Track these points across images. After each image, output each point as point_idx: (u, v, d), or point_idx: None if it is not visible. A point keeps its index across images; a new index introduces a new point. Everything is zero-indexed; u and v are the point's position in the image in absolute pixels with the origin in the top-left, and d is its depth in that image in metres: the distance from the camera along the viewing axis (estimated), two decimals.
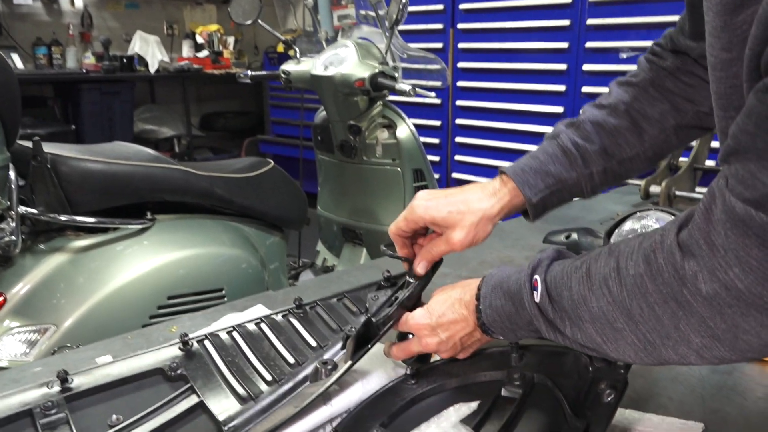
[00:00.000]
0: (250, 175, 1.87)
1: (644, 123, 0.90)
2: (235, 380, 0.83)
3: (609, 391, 0.71)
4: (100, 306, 1.51)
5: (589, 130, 0.90)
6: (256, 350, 0.89)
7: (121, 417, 0.77)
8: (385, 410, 0.79)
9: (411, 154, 2.18)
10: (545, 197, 0.88)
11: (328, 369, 0.81)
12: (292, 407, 0.78)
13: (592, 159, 0.89)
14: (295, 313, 0.98)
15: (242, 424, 0.77)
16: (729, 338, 0.52)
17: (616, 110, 0.91)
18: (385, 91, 2.08)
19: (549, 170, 0.88)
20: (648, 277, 0.55)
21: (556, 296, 0.65)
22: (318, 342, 0.91)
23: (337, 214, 2.37)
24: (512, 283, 0.72)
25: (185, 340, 0.90)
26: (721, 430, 0.79)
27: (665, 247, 0.55)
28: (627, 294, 0.57)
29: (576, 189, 0.90)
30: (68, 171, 1.50)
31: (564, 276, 0.65)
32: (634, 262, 0.57)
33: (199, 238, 1.72)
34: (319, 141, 2.33)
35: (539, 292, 0.67)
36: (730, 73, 0.56)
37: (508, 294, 0.72)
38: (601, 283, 0.60)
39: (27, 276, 1.50)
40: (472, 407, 0.73)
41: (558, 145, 0.90)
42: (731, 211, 0.49)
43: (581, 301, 0.62)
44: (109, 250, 1.57)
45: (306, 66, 2.18)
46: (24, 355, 1.44)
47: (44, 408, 0.77)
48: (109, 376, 0.84)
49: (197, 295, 1.66)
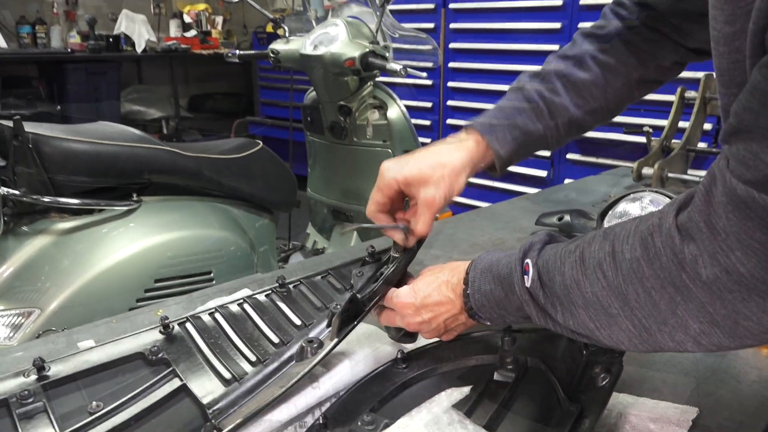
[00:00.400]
0: (238, 156, 1.84)
1: (609, 75, 0.90)
2: (218, 362, 0.81)
3: (603, 375, 0.70)
4: (86, 289, 1.48)
5: (555, 81, 0.90)
6: (239, 331, 0.87)
7: (101, 403, 0.75)
8: (375, 394, 0.78)
9: (402, 135, 2.16)
10: (512, 150, 0.87)
11: (313, 347, 0.79)
12: (278, 387, 0.76)
13: (557, 111, 0.89)
14: (278, 292, 0.95)
15: (227, 406, 0.75)
16: (729, 324, 0.50)
17: (581, 62, 0.91)
18: (375, 72, 2.05)
19: (516, 122, 0.88)
20: (645, 261, 0.54)
21: (547, 281, 0.63)
22: (303, 320, 0.88)
23: (327, 196, 2.34)
24: (502, 267, 0.70)
25: (166, 323, 0.88)
26: (715, 414, 0.78)
27: (663, 230, 0.53)
28: (623, 279, 0.56)
29: (541, 141, 0.90)
30: (51, 151, 1.47)
31: (557, 260, 0.63)
32: (630, 246, 0.55)
33: (187, 220, 1.70)
34: (308, 122, 2.30)
35: (530, 276, 0.65)
36: (733, 48, 0.54)
37: (497, 278, 0.70)
38: (596, 267, 0.58)
39: (10, 259, 1.47)
40: (464, 392, 0.72)
41: (523, 95, 0.90)
42: (732, 193, 0.47)
43: (574, 285, 0.60)
44: (94, 232, 1.55)
45: (295, 45, 2.14)
46: (8, 339, 1.41)
47: (20, 398, 0.74)
48: (87, 363, 0.82)
49: (185, 278, 1.64)
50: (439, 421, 0.65)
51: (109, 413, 0.73)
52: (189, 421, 0.74)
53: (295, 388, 0.82)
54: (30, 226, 1.51)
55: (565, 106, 0.89)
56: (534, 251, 0.67)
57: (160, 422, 0.74)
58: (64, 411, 0.74)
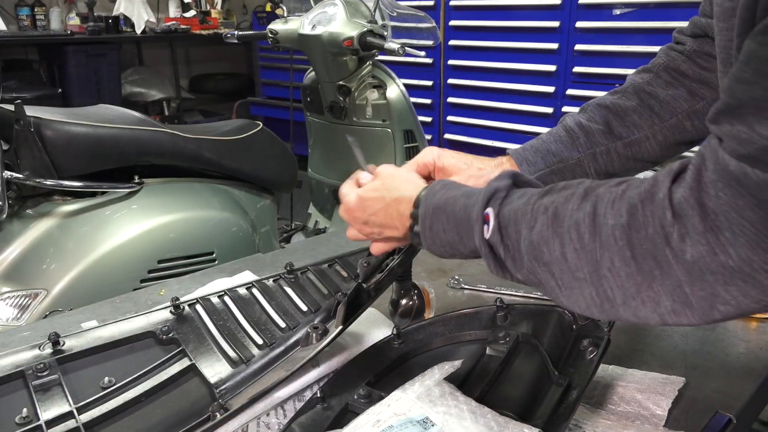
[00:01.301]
0: (239, 137, 1.85)
1: (655, 105, 0.87)
2: (226, 344, 0.84)
3: (591, 349, 0.72)
4: (90, 270, 1.51)
5: (595, 110, 0.88)
6: (247, 315, 0.90)
7: (113, 379, 0.78)
8: (370, 369, 0.80)
9: (401, 114, 2.16)
10: (545, 176, 0.86)
11: (319, 334, 0.82)
12: (283, 371, 0.79)
13: (595, 139, 0.86)
14: (286, 278, 0.98)
15: (234, 386, 0.78)
16: (703, 307, 0.49)
17: (625, 93, 0.89)
18: (374, 51, 2.05)
19: (550, 149, 0.87)
20: (630, 229, 0.50)
21: (512, 233, 0.59)
22: (309, 307, 0.91)
23: (327, 176, 2.35)
24: (459, 208, 0.65)
25: (177, 303, 0.90)
26: (703, 386, 0.80)
27: (656, 200, 0.50)
28: (600, 244, 0.52)
29: (579, 170, 0.87)
30: (53, 135, 1.48)
31: (525, 214, 0.58)
32: (615, 211, 0.52)
33: (189, 201, 1.72)
34: (308, 102, 2.30)
35: (490, 226, 0.60)
36: (731, 24, 0.53)
37: (452, 219, 0.65)
38: (570, 227, 0.54)
39: (15, 241, 1.49)
40: (456, 365, 0.74)
41: (562, 126, 0.89)
42: (724, 170, 0.45)
43: (542, 243, 0.56)
44: (97, 214, 1.56)
45: (293, 25, 2.14)
46: (15, 319, 1.44)
47: (36, 370, 0.77)
48: (100, 339, 0.85)
49: (188, 259, 1.66)
50: (431, 394, 0.67)
51: (121, 389, 0.76)
52: (197, 399, 0.76)
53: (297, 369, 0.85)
54: (34, 209, 1.53)
55: (602, 133, 0.86)
56: (497, 199, 0.62)
57: (169, 399, 0.77)
58: (78, 384, 0.77)
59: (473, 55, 3.53)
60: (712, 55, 0.85)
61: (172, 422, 0.73)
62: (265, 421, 0.77)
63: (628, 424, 0.72)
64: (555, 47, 3.17)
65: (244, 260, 1.27)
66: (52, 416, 0.71)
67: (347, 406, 0.74)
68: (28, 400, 0.74)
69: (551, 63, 3.20)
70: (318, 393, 0.75)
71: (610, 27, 2.97)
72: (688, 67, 0.87)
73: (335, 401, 0.75)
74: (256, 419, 0.77)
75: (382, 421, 0.64)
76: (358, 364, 0.83)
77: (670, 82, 0.87)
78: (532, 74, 3.27)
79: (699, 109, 0.86)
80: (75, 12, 4.85)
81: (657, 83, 0.88)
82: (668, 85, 0.87)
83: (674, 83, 0.87)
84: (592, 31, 3.05)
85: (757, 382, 0.80)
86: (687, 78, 0.87)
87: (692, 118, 0.87)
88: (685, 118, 0.87)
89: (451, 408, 0.65)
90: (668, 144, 0.87)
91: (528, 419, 0.66)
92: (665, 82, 0.88)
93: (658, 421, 0.73)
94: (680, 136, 0.87)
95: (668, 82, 0.88)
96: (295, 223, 2.57)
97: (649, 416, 0.73)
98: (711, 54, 0.85)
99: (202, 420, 0.72)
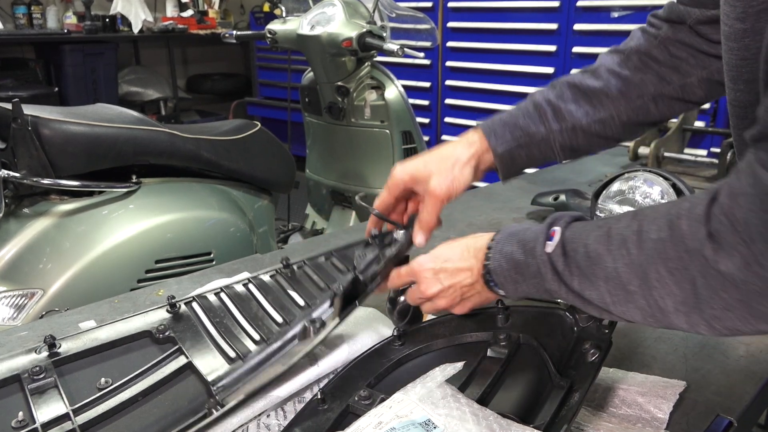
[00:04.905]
0: (237, 137, 1.84)
1: (622, 86, 0.89)
2: (223, 341, 0.83)
3: (593, 351, 0.72)
4: (87, 270, 1.50)
5: (564, 89, 0.90)
6: (243, 311, 0.89)
7: (110, 380, 0.77)
8: (371, 370, 0.80)
9: (400, 115, 2.16)
10: (512, 150, 0.87)
11: (316, 327, 0.81)
12: (281, 365, 0.78)
13: (561, 115, 0.88)
14: (282, 272, 0.97)
15: (231, 383, 0.77)
16: (744, 309, 0.51)
17: (595, 73, 0.91)
18: (373, 52, 2.05)
19: (518, 123, 0.88)
20: (670, 242, 0.55)
21: (570, 251, 0.64)
22: (306, 301, 0.90)
23: (325, 177, 2.35)
24: (529, 233, 0.70)
25: (173, 302, 0.90)
26: (703, 388, 0.80)
27: (693, 215, 0.54)
28: (645, 257, 0.57)
29: (544, 145, 0.88)
30: (50, 134, 1.47)
31: (583, 233, 0.64)
32: (657, 227, 0.57)
33: (186, 201, 1.71)
34: (306, 103, 2.30)
35: (554, 242, 0.65)
36: (742, 45, 0.55)
37: (522, 242, 0.70)
38: (620, 243, 0.59)
39: (12, 240, 1.48)
40: (458, 367, 0.74)
41: (531, 101, 0.90)
42: (759, 183, 0.48)
43: (597, 258, 0.61)
44: (94, 213, 1.56)
45: (292, 25, 2.13)
46: (12, 319, 1.43)
47: (32, 373, 0.76)
48: (96, 340, 0.84)
49: (185, 259, 1.65)
50: (433, 395, 0.67)
51: (117, 389, 0.75)
52: (194, 397, 0.76)
53: (296, 367, 0.85)
54: (31, 208, 1.52)
55: (570, 111, 0.88)
56: (564, 221, 0.68)
57: (166, 398, 0.76)
58: (74, 386, 0.76)
59: (471, 56, 3.53)
60: (685, 43, 0.87)
61: (169, 421, 0.72)
62: (265, 422, 0.76)
63: (629, 427, 0.72)
64: (553, 49, 3.17)
65: (242, 261, 1.26)
66: (48, 419, 0.70)
67: (348, 408, 0.73)
68: (24, 404, 0.74)
69: (549, 65, 3.20)
70: (318, 394, 0.75)
71: (608, 29, 2.98)
72: (660, 52, 0.89)
73: (336, 403, 0.75)
74: (257, 420, 0.76)
75: (383, 423, 0.63)
76: (358, 365, 0.82)
77: (639, 67, 0.89)
78: (530, 76, 3.28)
79: (665, 93, 0.89)
80: (72, 11, 4.84)
81: (627, 65, 0.89)
82: (637, 68, 0.89)
83: (643, 68, 0.89)
84: (590, 34, 3.05)
85: (758, 386, 0.80)
86: (657, 63, 0.89)
87: (657, 101, 0.89)
88: (651, 101, 0.89)
89: (453, 410, 0.65)
90: (632, 124, 0.90)
91: (530, 421, 0.66)
92: (635, 66, 0.89)
93: (660, 424, 0.73)
94: (644, 118, 0.90)
95: (637, 66, 0.89)
96: (293, 223, 2.56)
97: (651, 419, 0.73)
98: (684, 42, 0.87)
99: (199, 417, 0.71)
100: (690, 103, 0.90)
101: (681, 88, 0.88)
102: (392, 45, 1.92)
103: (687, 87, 0.88)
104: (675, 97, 0.89)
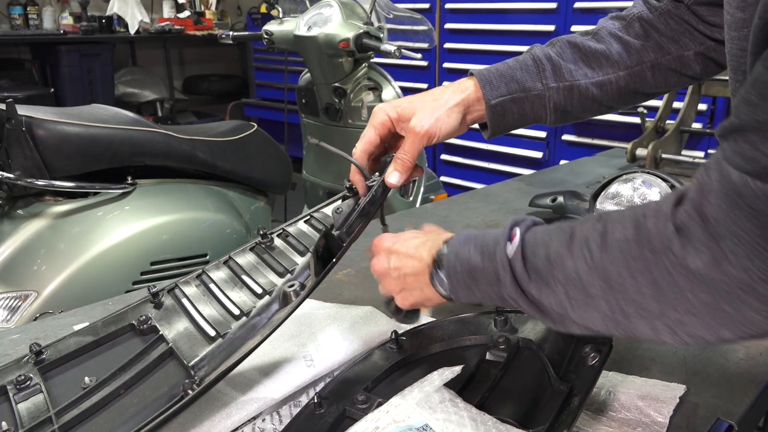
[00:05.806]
0: (233, 138, 1.84)
1: (623, 50, 0.87)
2: (205, 322, 0.81)
3: (593, 355, 0.71)
4: (82, 272, 1.49)
5: (565, 48, 0.88)
6: (224, 289, 0.86)
7: (94, 378, 0.76)
8: (369, 375, 0.79)
9: None
10: (505, 103, 0.85)
11: (295, 290, 0.78)
12: (260, 336, 0.75)
13: (560, 74, 0.86)
14: (261, 244, 0.94)
15: (211, 362, 0.75)
16: (708, 314, 0.49)
17: (596, 35, 0.89)
18: (370, 53, 2.04)
19: (515, 75, 0.85)
20: (635, 242, 0.52)
21: (530, 254, 0.61)
22: (285, 267, 0.86)
23: (322, 179, 2.34)
24: (489, 238, 0.67)
25: (154, 291, 0.88)
26: (703, 391, 0.80)
27: (660, 215, 0.51)
28: (609, 258, 0.54)
29: (538, 103, 0.86)
30: (45, 134, 1.46)
31: (545, 236, 0.61)
32: (622, 226, 0.54)
33: (182, 202, 1.70)
34: (303, 104, 2.29)
35: (513, 245, 0.63)
36: (742, 34, 0.54)
37: (480, 245, 0.67)
38: (583, 244, 0.56)
39: (6, 242, 1.47)
40: (456, 371, 0.72)
41: (530, 55, 0.88)
42: (726, 180, 0.46)
43: (558, 260, 0.58)
44: (89, 215, 1.55)
45: (289, 26, 2.12)
46: (5, 321, 1.42)
47: (18, 383, 0.76)
48: (82, 341, 0.83)
49: (181, 261, 1.64)
50: (431, 400, 0.66)
51: (99, 386, 0.75)
52: (175, 383, 0.74)
53: (290, 367, 0.83)
54: (25, 209, 1.51)
55: (570, 70, 0.86)
56: (525, 224, 0.65)
57: (147, 387, 0.75)
58: (60, 390, 0.76)
59: (468, 58, 3.52)
60: (684, 20, 0.86)
61: (149, 410, 0.71)
62: (260, 426, 0.75)
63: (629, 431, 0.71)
64: None
65: None
66: (32, 425, 0.70)
67: (345, 412, 0.72)
68: (9, 414, 0.73)
69: None
70: (315, 398, 0.74)
71: None
72: (660, 23, 0.88)
73: (332, 407, 0.74)
74: (252, 424, 0.75)
75: (380, 428, 0.62)
76: (355, 369, 0.81)
77: (640, 34, 0.88)
78: None
79: (663, 63, 0.88)
80: (68, 11, 4.82)
81: (628, 31, 0.88)
82: (638, 35, 0.88)
83: (644, 35, 0.88)
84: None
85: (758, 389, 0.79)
86: (658, 32, 0.88)
87: (654, 70, 0.88)
88: (648, 69, 0.88)
89: (451, 415, 0.64)
90: (628, 91, 0.89)
91: (529, 426, 0.65)
92: (636, 32, 0.88)
93: (660, 428, 0.72)
94: (639, 86, 0.89)
95: (639, 33, 0.88)
96: None
97: (651, 423, 0.73)
98: (683, 18, 0.86)
99: (176, 401, 0.69)
100: (685, 77, 0.89)
101: (678, 59, 0.87)
102: (389, 46, 1.92)
103: (684, 59, 0.87)
104: (671, 68, 0.88)
